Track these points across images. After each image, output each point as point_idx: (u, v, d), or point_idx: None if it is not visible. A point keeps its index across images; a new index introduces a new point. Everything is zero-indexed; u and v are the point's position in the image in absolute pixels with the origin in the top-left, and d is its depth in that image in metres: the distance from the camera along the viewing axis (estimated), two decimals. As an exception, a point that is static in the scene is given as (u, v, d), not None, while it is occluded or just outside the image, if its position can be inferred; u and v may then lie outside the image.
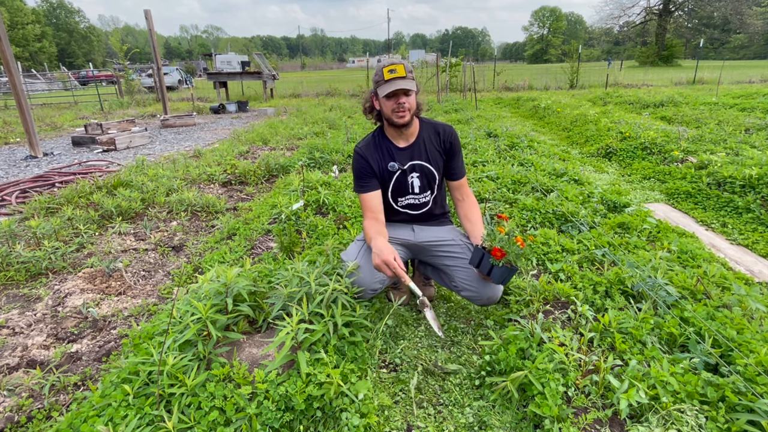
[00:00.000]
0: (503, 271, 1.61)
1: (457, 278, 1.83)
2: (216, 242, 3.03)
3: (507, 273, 1.62)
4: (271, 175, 4.82)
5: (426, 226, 1.97)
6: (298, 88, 18.11)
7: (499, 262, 1.60)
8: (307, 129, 7.39)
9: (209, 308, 1.48)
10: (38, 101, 16.36)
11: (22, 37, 44.17)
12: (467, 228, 1.91)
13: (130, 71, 15.71)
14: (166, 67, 25.65)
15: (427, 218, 1.98)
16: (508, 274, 1.62)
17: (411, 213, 1.96)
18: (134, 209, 3.58)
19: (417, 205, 1.94)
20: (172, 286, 2.49)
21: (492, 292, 1.77)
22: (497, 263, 1.60)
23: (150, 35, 9.96)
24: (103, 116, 11.36)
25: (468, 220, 1.91)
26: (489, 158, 4.62)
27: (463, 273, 1.80)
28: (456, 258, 1.85)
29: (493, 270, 1.62)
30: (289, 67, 73.00)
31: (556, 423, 1.31)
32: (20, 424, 1.50)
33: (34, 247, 2.82)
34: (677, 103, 8.99)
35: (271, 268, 2.09)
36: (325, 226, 2.91)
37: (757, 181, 3.40)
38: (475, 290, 1.77)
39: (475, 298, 1.80)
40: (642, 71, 27.40)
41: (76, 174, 5.00)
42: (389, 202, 1.93)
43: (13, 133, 8.45)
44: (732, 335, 1.53)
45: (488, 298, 1.78)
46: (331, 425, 1.34)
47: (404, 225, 1.97)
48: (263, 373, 1.35)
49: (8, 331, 2.06)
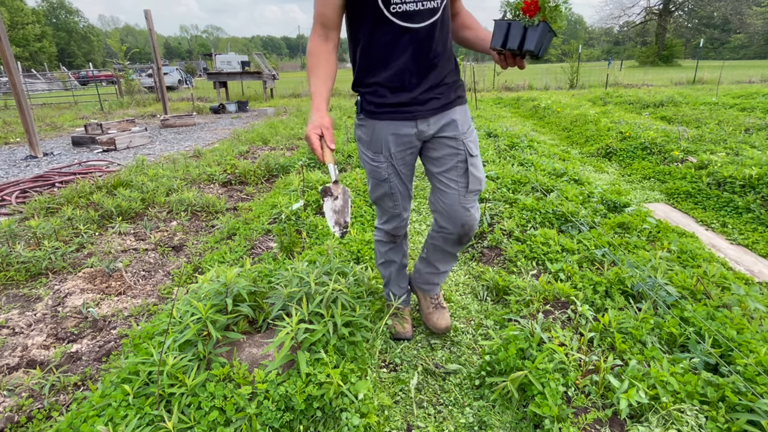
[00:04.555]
0: (542, 31, 1.17)
1: (440, 192, 1.56)
2: (216, 242, 3.03)
3: (545, 34, 1.19)
4: (271, 175, 4.82)
5: (435, 92, 1.43)
6: (298, 88, 18.11)
7: (534, 20, 1.17)
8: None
9: (209, 308, 1.48)
10: (38, 101, 16.36)
11: (22, 37, 44.15)
12: (468, 36, 1.50)
13: (130, 71, 15.70)
14: (166, 67, 25.65)
15: (430, 51, 1.37)
16: (546, 36, 1.20)
17: (410, 28, 1.31)
18: (134, 209, 3.58)
19: (420, 14, 1.30)
20: (172, 286, 2.49)
21: (466, 216, 1.55)
22: (531, 23, 1.17)
23: (150, 35, 9.95)
24: (103, 116, 11.36)
25: (468, 27, 1.51)
26: (489, 158, 4.62)
27: (452, 185, 1.53)
28: (457, 165, 1.52)
29: (528, 34, 1.19)
30: (289, 67, 72.99)
31: (556, 423, 1.31)
32: (20, 424, 1.50)
33: (34, 247, 2.82)
34: (677, 103, 8.98)
35: (271, 268, 2.09)
36: (325, 226, 2.91)
37: (757, 181, 3.40)
38: (447, 214, 1.56)
39: (448, 230, 1.60)
40: (642, 71, 27.40)
41: (76, 174, 5.00)
42: (377, 4, 1.29)
43: (13, 133, 8.45)
44: (732, 335, 1.53)
45: (462, 225, 1.57)
46: (331, 425, 1.34)
47: (401, 89, 1.41)
48: (263, 373, 1.35)
49: (8, 331, 2.06)
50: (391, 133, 1.46)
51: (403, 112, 1.43)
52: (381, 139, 1.48)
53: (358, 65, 1.44)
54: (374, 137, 1.49)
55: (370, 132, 1.49)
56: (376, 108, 1.44)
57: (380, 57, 1.37)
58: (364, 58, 1.41)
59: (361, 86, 1.47)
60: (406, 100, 1.41)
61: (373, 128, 1.48)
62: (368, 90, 1.44)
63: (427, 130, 1.47)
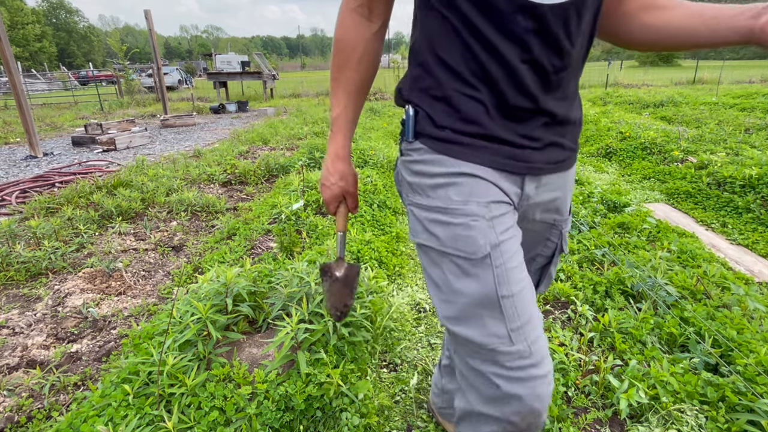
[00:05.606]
0: None
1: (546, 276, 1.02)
2: (216, 242, 3.03)
3: None
4: (271, 175, 4.82)
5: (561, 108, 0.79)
6: (298, 88, 18.11)
7: None
8: (307, 129, 7.39)
9: (209, 308, 1.48)
10: (38, 101, 16.36)
11: (22, 37, 44.17)
12: (667, 22, 0.78)
13: (130, 71, 15.70)
14: (166, 67, 25.66)
15: (561, 52, 0.73)
16: None
17: (535, 4, 0.69)
18: (134, 209, 3.58)
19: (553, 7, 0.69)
20: (172, 286, 2.49)
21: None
22: None
23: (150, 35, 9.96)
24: (103, 116, 11.36)
25: (660, 6, 0.79)
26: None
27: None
28: (536, 257, 0.99)
29: None
30: (289, 67, 72.97)
31: (556, 423, 1.31)
32: (20, 424, 1.50)
33: (34, 247, 2.82)
34: (677, 103, 8.99)
35: (271, 268, 2.09)
36: (325, 226, 2.91)
37: (757, 181, 3.40)
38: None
39: None
40: (642, 71, 27.40)
41: (76, 174, 5.00)
42: None
43: (13, 133, 8.45)
44: (732, 335, 1.53)
45: None
46: (331, 425, 1.34)
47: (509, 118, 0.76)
48: (263, 373, 1.35)
49: (8, 331, 2.06)
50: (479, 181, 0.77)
51: (507, 155, 0.76)
52: (463, 187, 0.78)
53: (428, 59, 0.78)
54: (448, 182, 0.78)
55: (428, 168, 0.80)
56: (456, 135, 0.76)
57: (474, 52, 0.72)
58: (444, 49, 0.75)
59: (424, 93, 0.79)
60: (512, 136, 0.75)
61: (442, 167, 0.78)
62: (439, 99, 0.77)
63: (532, 197, 0.82)
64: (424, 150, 0.79)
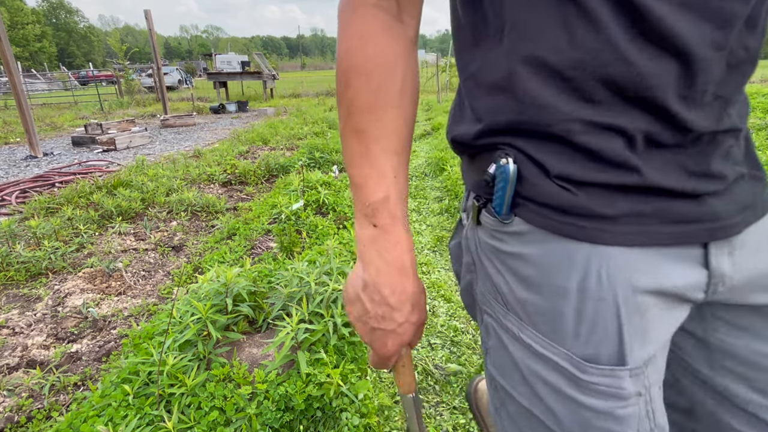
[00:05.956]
0: None
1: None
2: (216, 242, 3.03)
3: None
4: (271, 175, 4.82)
5: None
6: (298, 88, 18.12)
7: None
8: (307, 129, 7.39)
9: (209, 308, 1.48)
10: (38, 101, 16.37)
11: (22, 37, 44.20)
12: None
13: (130, 71, 15.71)
14: (166, 67, 25.67)
15: (755, 26, 0.40)
16: None
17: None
18: (134, 209, 3.58)
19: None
20: (172, 286, 2.49)
21: None
22: None
23: (150, 35, 9.96)
24: (103, 116, 11.36)
25: None
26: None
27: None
28: None
29: None
30: (289, 67, 73.00)
31: (556, 423, 1.31)
32: (20, 424, 1.50)
33: (34, 247, 2.82)
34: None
35: (271, 268, 2.09)
36: (325, 226, 2.92)
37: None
38: None
39: None
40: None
41: (76, 174, 5.01)
42: None
43: (13, 133, 8.45)
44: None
45: None
46: (331, 425, 1.34)
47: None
48: (263, 373, 1.35)
49: (8, 331, 2.06)
50: (633, 283, 0.41)
51: (676, 217, 0.42)
52: (599, 305, 0.42)
53: (515, 68, 0.43)
54: (579, 309, 0.42)
55: (545, 275, 0.44)
56: (591, 197, 0.41)
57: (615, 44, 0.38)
58: (544, 42, 0.41)
59: (518, 129, 0.44)
60: (680, 180, 0.41)
61: (567, 270, 0.42)
62: (549, 137, 0.43)
63: (729, 275, 0.45)
64: (531, 233, 0.44)
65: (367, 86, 0.47)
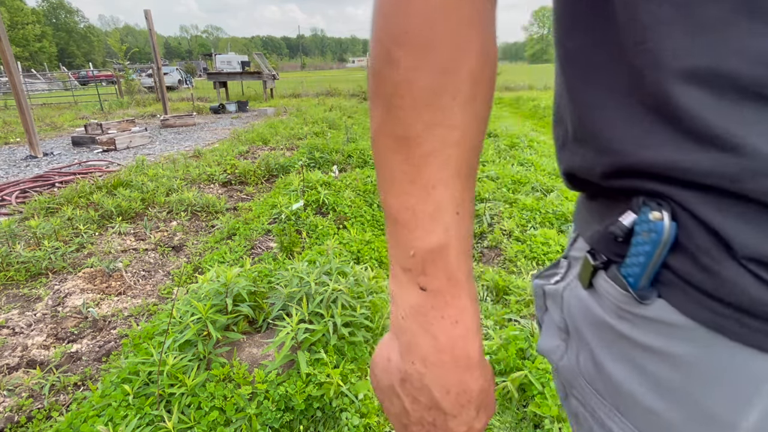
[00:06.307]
0: None
1: None
2: (216, 242, 3.03)
3: None
4: (271, 175, 4.82)
5: None
6: (298, 88, 18.12)
7: None
8: (307, 129, 7.39)
9: (209, 308, 1.48)
10: (38, 101, 16.37)
11: (22, 37, 44.22)
12: None
13: (130, 71, 15.71)
14: (166, 67, 25.68)
15: None
16: None
17: None
18: (134, 209, 3.58)
19: None
20: (172, 286, 2.49)
21: None
22: None
23: (150, 35, 9.97)
24: (103, 116, 11.36)
25: None
26: (489, 158, 4.62)
27: None
28: None
29: None
30: (289, 67, 72.99)
31: (556, 423, 1.31)
32: (20, 424, 1.50)
33: (34, 247, 2.82)
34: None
35: (271, 268, 2.09)
36: (325, 226, 2.92)
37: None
38: None
39: None
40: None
41: (75, 174, 5.01)
42: None
43: (13, 133, 8.45)
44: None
45: None
46: (331, 425, 1.34)
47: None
48: (263, 373, 1.35)
49: (8, 331, 2.06)
50: None
51: None
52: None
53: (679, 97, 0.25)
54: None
55: (701, 392, 0.28)
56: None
57: None
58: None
59: (680, 180, 0.27)
60: None
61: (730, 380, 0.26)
62: (731, 197, 0.25)
63: None
64: (686, 328, 0.28)
65: (425, 64, 0.28)
